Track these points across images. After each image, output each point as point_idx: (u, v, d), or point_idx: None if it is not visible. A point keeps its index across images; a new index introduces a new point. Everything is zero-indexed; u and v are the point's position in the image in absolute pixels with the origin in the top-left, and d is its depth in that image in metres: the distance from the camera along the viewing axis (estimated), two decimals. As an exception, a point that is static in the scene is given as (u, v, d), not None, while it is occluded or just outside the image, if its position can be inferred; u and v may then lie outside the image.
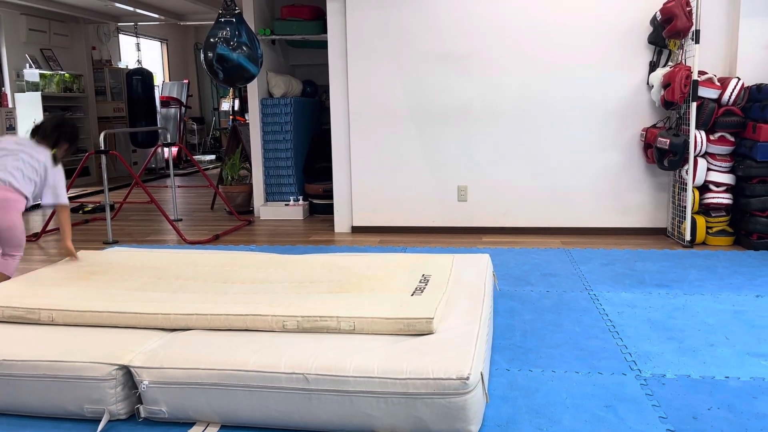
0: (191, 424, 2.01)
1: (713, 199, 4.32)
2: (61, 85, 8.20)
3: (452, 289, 2.54)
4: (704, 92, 4.21)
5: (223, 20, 4.47)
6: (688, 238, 4.35)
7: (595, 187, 4.80)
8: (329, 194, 5.63)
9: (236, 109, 10.61)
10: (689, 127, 4.24)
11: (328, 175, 5.66)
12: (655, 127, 4.58)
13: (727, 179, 4.30)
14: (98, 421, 2.01)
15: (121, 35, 9.89)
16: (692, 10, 4.20)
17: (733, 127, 4.21)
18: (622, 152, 4.74)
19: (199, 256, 3.16)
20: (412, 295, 2.38)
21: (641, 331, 2.75)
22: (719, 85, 4.23)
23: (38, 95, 7.66)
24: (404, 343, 2.03)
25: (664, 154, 4.36)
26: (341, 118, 5.08)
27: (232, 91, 10.86)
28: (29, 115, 7.63)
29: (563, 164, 4.81)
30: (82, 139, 3.62)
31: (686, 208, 4.34)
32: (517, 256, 4.16)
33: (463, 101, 4.85)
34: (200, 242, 4.82)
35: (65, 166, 3.42)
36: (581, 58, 4.67)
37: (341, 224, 5.21)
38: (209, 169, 10.05)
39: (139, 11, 8.48)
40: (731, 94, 4.18)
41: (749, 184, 4.21)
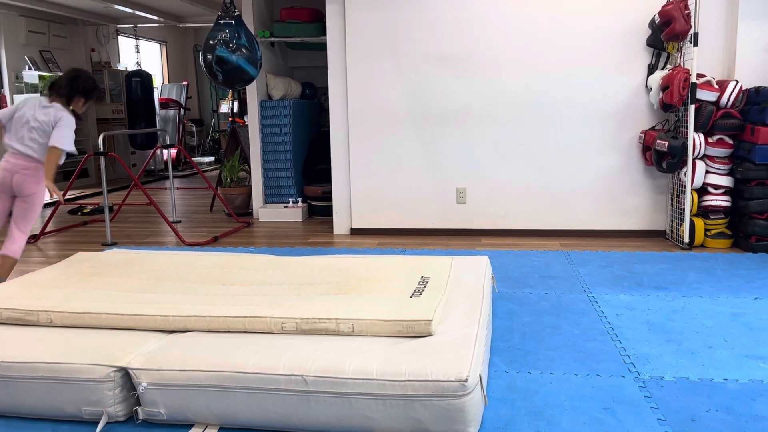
0: (190, 426, 2.01)
1: (712, 201, 4.32)
2: (60, 86, 8.19)
3: (451, 291, 2.54)
4: (703, 95, 4.22)
5: (222, 22, 4.47)
6: (686, 240, 4.35)
7: (593, 189, 4.81)
8: (328, 196, 5.63)
9: (235, 111, 10.62)
10: (688, 129, 4.25)
11: (327, 177, 5.67)
12: (653, 129, 4.58)
13: (725, 182, 4.30)
14: (96, 423, 2.01)
15: (120, 37, 9.88)
16: (691, 13, 4.21)
17: (731, 129, 4.22)
18: (620, 154, 4.75)
19: (197, 257, 3.16)
20: (410, 297, 2.38)
21: (640, 333, 2.75)
22: (718, 87, 4.23)
23: (37, 97, 7.65)
24: (403, 345, 2.04)
25: (662, 156, 4.37)
26: (340, 120, 5.08)
27: (231, 93, 10.88)
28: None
29: (562, 166, 4.81)
30: (100, 89, 3.63)
31: (685, 210, 4.35)
32: (515, 258, 4.17)
33: (462, 103, 4.86)
34: (199, 244, 4.82)
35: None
36: (580, 60, 4.68)
37: (340, 226, 5.21)
38: (208, 170, 10.05)
39: (138, 13, 8.49)
40: (730, 96, 4.19)
41: (748, 186, 4.21)
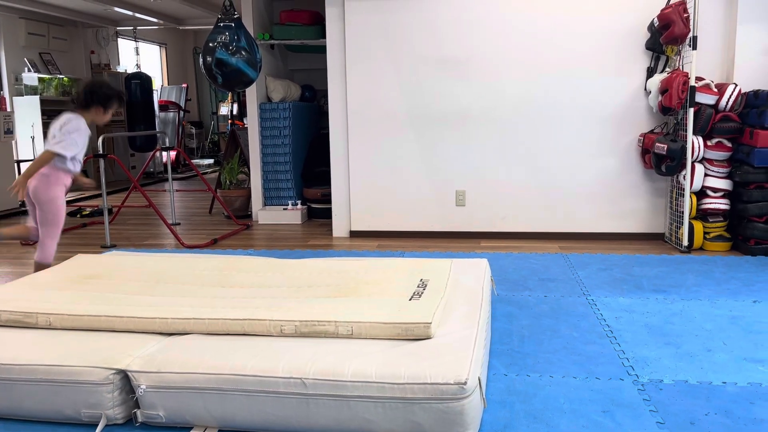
0: (189, 428, 2.01)
1: (711, 204, 4.33)
2: (59, 88, 8.20)
3: (450, 293, 2.54)
4: (702, 98, 4.23)
5: (222, 25, 4.48)
6: (685, 243, 4.35)
7: (593, 192, 4.81)
8: (327, 198, 5.63)
9: (235, 113, 10.63)
10: (687, 132, 4.25)
11: (326, 179, 5.67)
12: (652, 132, 4.59)
13: (724, 185, 4.31)
14: (95, 425, 2.00)
15: (120, 39, 9.89)
16: (689, 16, 4.22)
17: (730, 132, 4.22)
18: (619, 157, 4.75)
19: (197, 260, 3.15)
20: (410, 299, 2.38)
21: (639, 336, 2.75)
22: (716, 91, 4.24)
23: (37, 99, 7.66)
24: (402, 347, 2.03)
25: (661, 159, 4.37)
26: (340, 122, 5.09)
27: (230, 95, 10.89)
28: (27, 119, 7.64)
29: (561, 169, 4.82)
30: (117, 94, 3.66)
31: (684, 213, 4.35)
32: (515, 260, 4.17)
33: (461, 106, 4.86)
34: (198, 246, 4.82)
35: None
36: (579, 63, 4.68)
37: (339, 228, 5.21)
38: (208, 173, 10.05)
39: (138, 15, 8.50)
40: (728, 100, 4.20)
41: (746, 189, 4.22)
